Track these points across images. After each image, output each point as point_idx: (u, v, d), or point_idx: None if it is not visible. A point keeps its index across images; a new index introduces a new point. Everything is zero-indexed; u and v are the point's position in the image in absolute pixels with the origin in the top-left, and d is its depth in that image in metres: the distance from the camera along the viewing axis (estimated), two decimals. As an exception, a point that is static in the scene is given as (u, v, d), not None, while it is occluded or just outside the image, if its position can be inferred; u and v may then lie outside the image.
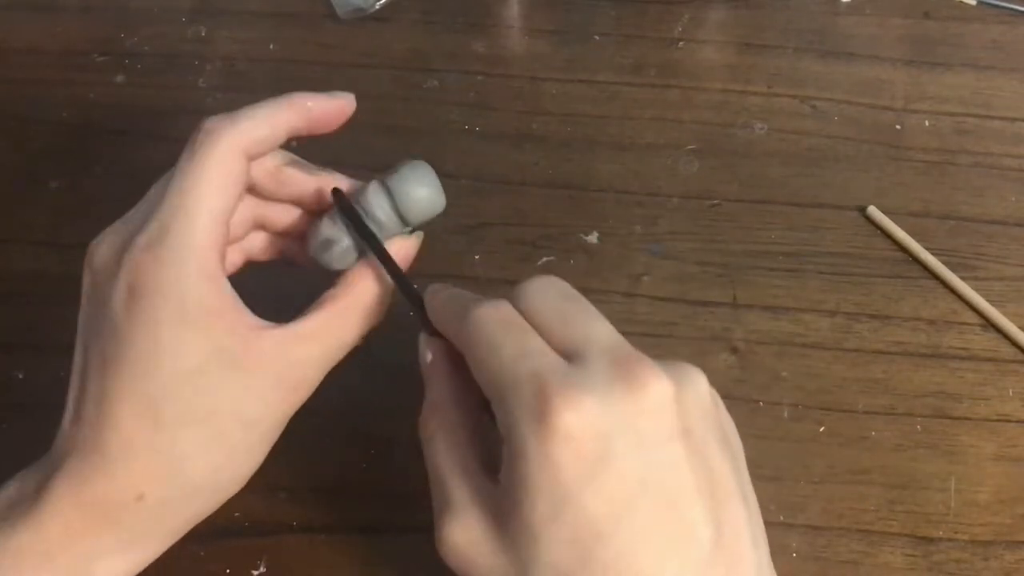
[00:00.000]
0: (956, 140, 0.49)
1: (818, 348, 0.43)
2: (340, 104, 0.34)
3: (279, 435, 0.32)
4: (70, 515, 0.30)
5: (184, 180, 0.31)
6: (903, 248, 0.46)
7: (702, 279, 0.45)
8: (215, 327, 0.30)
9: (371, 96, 0.51)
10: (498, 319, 0.29)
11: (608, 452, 0.26)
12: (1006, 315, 0.43)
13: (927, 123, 0.50)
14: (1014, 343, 0.43)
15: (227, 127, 0.31)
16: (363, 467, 0.40)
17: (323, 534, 0.39)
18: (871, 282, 0.45)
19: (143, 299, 0.30)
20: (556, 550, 0.26)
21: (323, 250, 0.34)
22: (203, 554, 0.38)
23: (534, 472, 0.26)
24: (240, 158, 0.32)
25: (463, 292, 0.32)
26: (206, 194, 0.31)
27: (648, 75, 0.52)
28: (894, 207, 0.47)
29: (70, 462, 0.30)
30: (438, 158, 0.48)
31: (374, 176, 0.34)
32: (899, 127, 0.50)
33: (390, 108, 0.51)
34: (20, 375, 0.43)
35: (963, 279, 0.44)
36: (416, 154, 0.35)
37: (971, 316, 0.44)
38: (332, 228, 0.34)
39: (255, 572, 0.38)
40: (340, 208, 0.34)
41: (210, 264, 0.30)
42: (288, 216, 0.36)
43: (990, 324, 0.44)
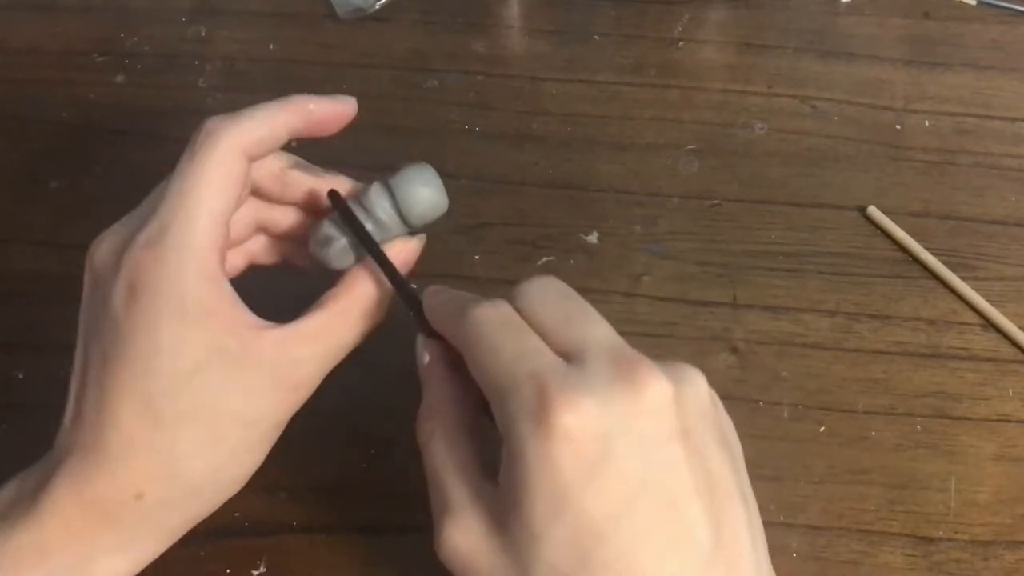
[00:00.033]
0: (956, 140, 0.49)
1: (818, 348, 0.43)
2: (342, 107, 0.34)
3: (279, 435, 0.32)
4: (70, 514, 0.30)
5: (184, 180, 0.31)
6: (903, 248, 0.46)
7: (702, 279, 0.45)
8: (215, 326, 0.30)
9: (371, 96, 0.51)
10: (497, 319, 0.29)
11: (608, 453, 0.26)
12: (1006, 315, 0.43)
13: (927, 123, 0.50)
14: (1014, 343, 0.43)
15: (227, 127, 0.31)
16: (363, 467, 0.40)
17: (323, 534, 0.39)
18: (871, 282, 0.45)
19: (143, 298, 0.30)
20: (556, 551, 0.26)
21: (321, 247, 0.34)
22: (203, 554, 0.38)
23: (534, 473, 0.26)
24: (240, 158, 0.32)
25: (461, 293, 0.32)
26: (206, 194, 0.31)
27: (648, 75, 0.52)
28: (894, 207, 0.47)
29: (70, 461, 0.30)
30: (438, 158, 0.48)
31: (374, 176, 0.34)
32: (899, 127, 0.50)
33: (390, 108, 0.51)
34: (20, 375, 0.43)
35: (963, 279, 0.44)
36: (417, 155, 0.35)
37: (971, 316, 0.44)
38: (332, 226, 0.34)
39: (255, 572, 0.38)
40: (336, 209, 0.34)
41: (210, 264, 0.30)
42: (292, 219, 0.36)
43: (990, 324, 0.44)
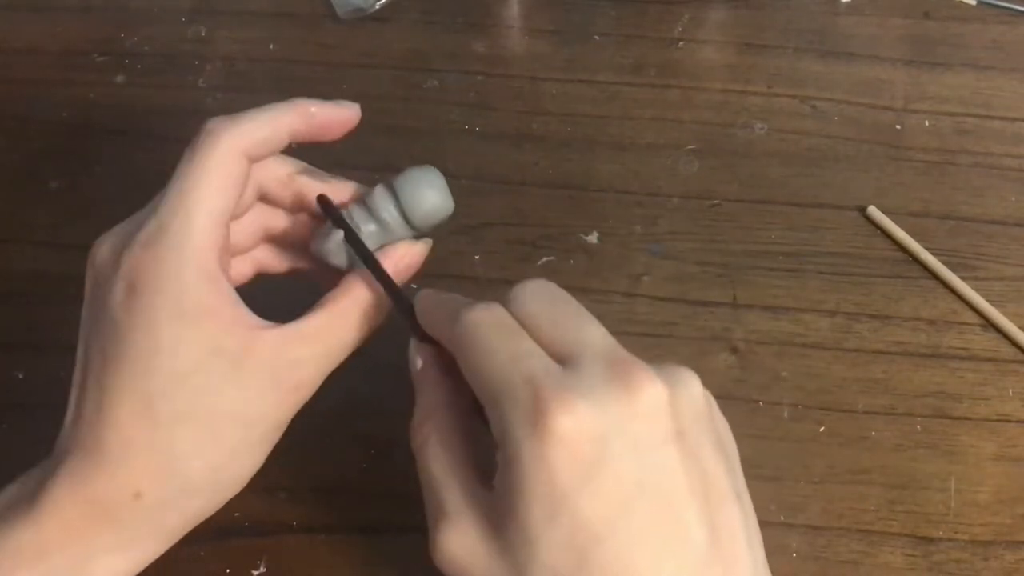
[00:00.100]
0: (956, 140, 0.49)
1: (818, 348, 0.43)
2: (345, 113, 0.34)
3: (280, 436, 0.32)
4: (68, 513, 0.30)
5: (184, 180, 0.31)
6: (903, 248, 0.46)
7: (702, 279, 0.45)
8: (214, 326, 0.30)
9: (371, 96, 0.51)
10: (491, 322, 0.29)
11: (603, 455, 0.26)
12: (1006, 315, 0.43)
13: (927, 123, 0.50)
14: (1014, 343, 0.43)
15: (228, 128, 0.31)
16: (363, 467, 0.40)
17: (323, 534, 0.39)
18: (871, 282, 0.45)
19: (142, 297, 0.30)
20: (552, 553, 0.26)
21: (319, 242, 0.34)
22: (203, 554, 0.38)
23: (529, 476, 0.26)
24: (240, 159, 0.32)
25: (454, 296, 0.32)
26: (206, 194, 0.31)
27: (648, 75, 0.52)
28: (894, 207, 0.47)
29: (69, 460, 0.30)
30: (438, 158, 0.48)
31: (374, 177, 0.34)
32: (899, 127, 0.50)
33: (390, 108, 0.51)
34: (20, 375, 0.43)
35: (963, 279, 0.44)
36: (417, 155, 0.35)
37: (971, 316, 0.44)
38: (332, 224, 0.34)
39: (255, 572, 0.38)
40: (325, 213, 0.34)
41: (209, 263, 0.30)
42: (300, 226, 0.35)
43: (990, 324, 0.44)
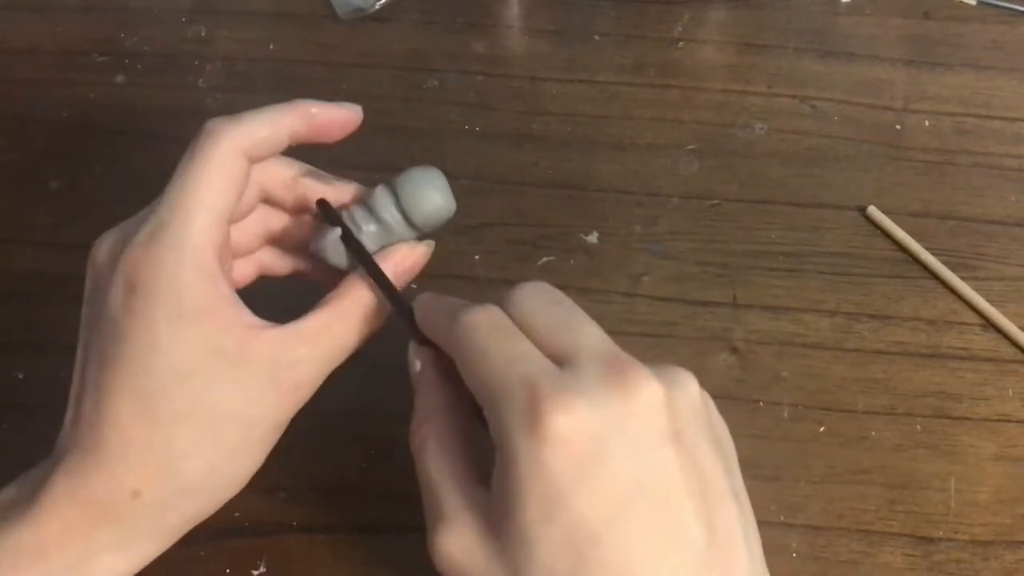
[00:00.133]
0: (956, 140, 0.49)
1: (818, 348, 0.43)
2: (346, 114, 0.34)
3: (279, 436, 0.32)
4: (67, 512, 0.30)
5: (184, 180, 0.31)
6: (903, 248, 0.46)
7: (702, 279, 0.45)
8: (213, 326, 0.30)
9: (371, 96, 0.51)
10: (488, 324, 0.29)
11: (600, 454, 0.26)
12: (1006, 315, 0.43)
13: (927, 123, 0.50)
14: (1014, 343, 0.43)
15: (228, 128, 0.31)
16: (363, 467, 0.40)
17: (323, 534, 0.39)
18: (871, 282, 0.45)
19: (140, 296, 0.30)
20: (550, 553, 0.26)
21: (319, 243, 0.34)
22: (203, 554, 0.38)
23: (527, 476, 0.26)
24: (240, 159, 0.32)
25: (452, 299, 0.32)
26: (205, 194, 0.31)
27: (648, 75, 0.52)
28: (894, 207, 0.47)
29: (69, 460, 0.30)
30: (438, 158, 0.48)
31: (375, 177, 0.34)
32: (899, 127, 0.50)
33: (390, 108, 0.51)
34: (20, 375, 0.43)
35: (963, 279, 0.44)
36: (417, 155, 0.34)
37: (971, 316, 0.44)
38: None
39: (255, 572, 0.38)
40: (324, 216, 0.34)
41: (208, 263, 0.30)
42: (304, 228, 0.35)
43: (990, 324, 0.44)
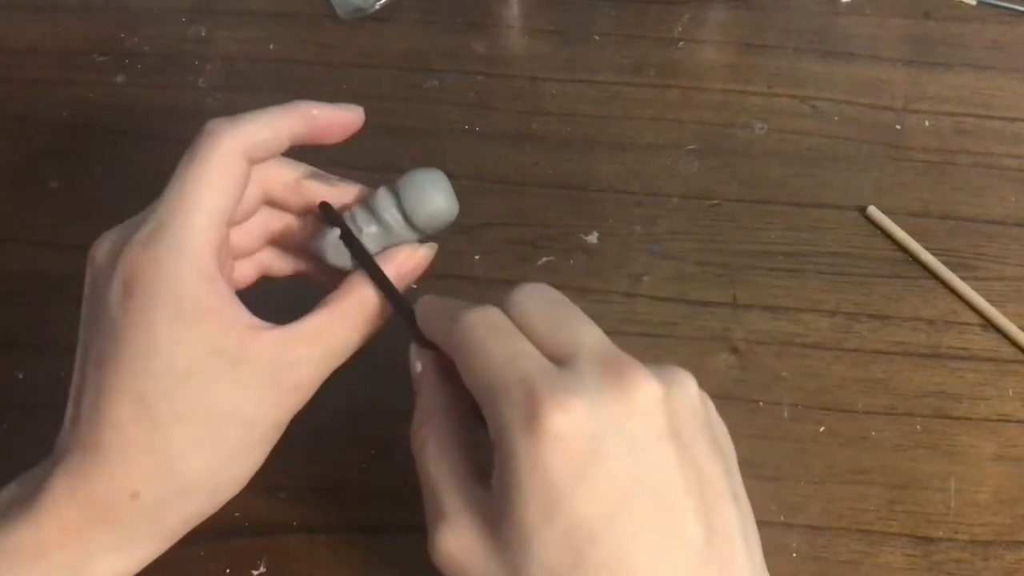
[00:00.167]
0: (956, 140, 0.49)
1: (818, 348, 0.43)
2: (347, 116, 0.34)
3: (279, 437, 0.32)
4: (67, 512, 0.30)
5: (184, 181, 0.31)
6: (903, 248, 0.46)
7: (702, 279, 0.45)
8: (212, 326, 0.30)
9: (371, 96, 0.51)
10: (488, 324, 0.29)
11: (598, 453, 0.26)
12: (1006, 315, 0.43)
13: (927, 123, 0.50)
14: (1014, 343, 0.43)
15: (228, 129, 0.31)
16: (363, 467, 0.40)
17: (323, 534, 0.39)
18: (871, 282, 0.45)
19: (139, 297, 0.30)
20: (549, 551, 0.26)
21: (321, 244, 0.34)
22: (203, 554, 0.38)
23: (525, 474, 0.26)
24: (240, 160, 0.32)
25: (453, 301, 0.32)
26: (205, 195, 0.31)
27: (648, 75, 0.52)
28: (894, 207, 0.47)
29: (68, 460, 0.30)
30: (438, 158, 0.48)
31: (375, 177, 0.34)
32: (899, 127, 0.50)
33: (390, 108, 0.51)
34: (20, 375, 0.43)
35: (963, 279, 0.44)
36: (417, 154, 0.34)
37: (971, 316, 0.44)
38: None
39: (255, 572, 0.38)
40: (326, 219, 0.34)
41: (207, 263, 0.30)
42: (306, 230, 0.35)
43: (990, 324, 0.44)
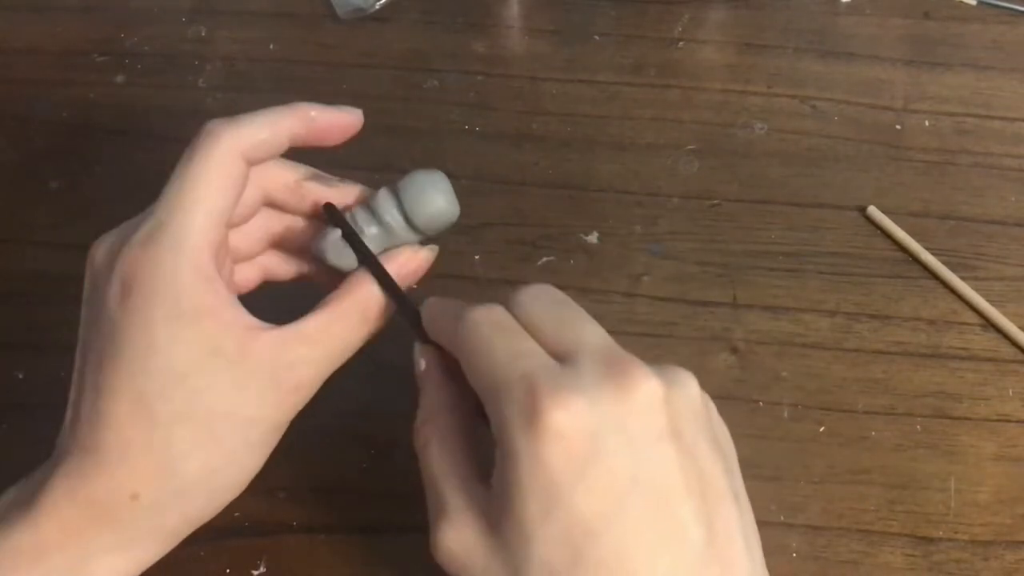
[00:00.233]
0: (956, 140, 0.49)
1: (818, 348, 0.43)
2: (346, 118, 0.34)
3: (279, 437, 0.32)
4: (67, 513, 0.30)
5: (182, 181, 0.31)
6: (903, 248, 0.46)
7: (702, 279, 0.45)
8: (210, 326, 0.30)
9: (371, 96, 0.51)
10: (492, 322, 0.30)
11: (598, 451, 0.26)
12: (1006, 315, 0.43)
13: (927, 123, 0.50)
14: (1014, 343, 0.43)
15: (227, 130, 0.31)
16: (363, 467, 0.40)
17: (323, 534, 0.39)
18: (871, 282, 0.45)
19: (138, 296, 0.30)
20: (548, 549, 0.26)
21: (323, 246, 0.34)
22: (203, 554, 0.38)
23: (525, 472, 0.26)
24: (239, 160, 0.32)
25: (458, 301, 0.32)
26: (204, 195, 0.31)
27: (648, 75, 0.52)
28: (894, 207, 0.47)
29: (68, 461, 0.30)
30: (438, 158, 0.48)
31: (375, 177, 0.34)
32: (899, 127, 0.50)
33: (390, 108, 0.51)
34: (20, 375, 0.43)
35: (963, 279, 0.44)
36: (417, 155, 0.34)
37: (971, 316, 0.44)
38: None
39: (255, 572, 0.38)
40: (331, 221, 0.34)
41: (205, 263, 0.30)
42: (307, 231, 0.35)
43: (990, 324, 0.44)
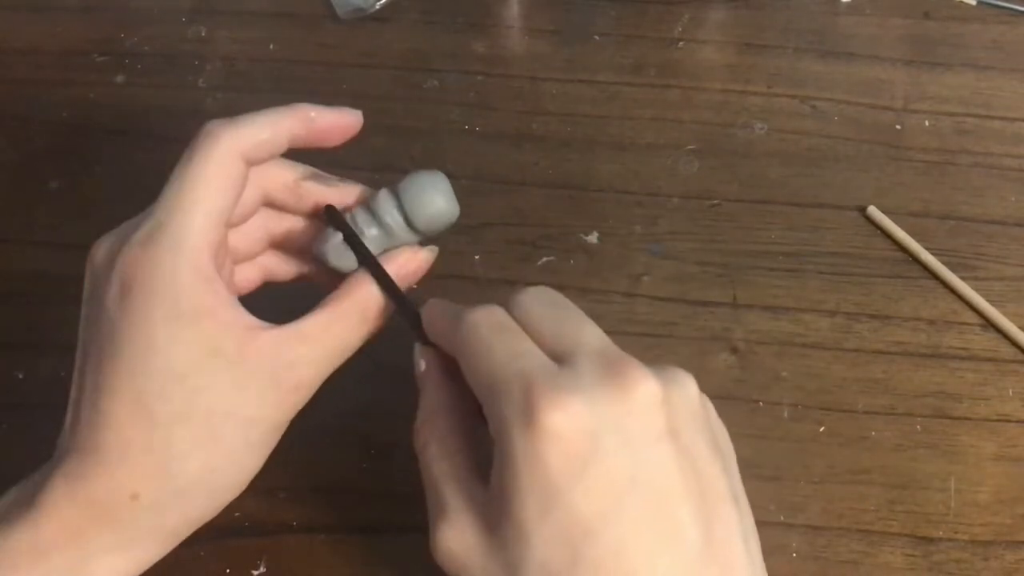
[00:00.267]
0: (956, 140, 0.49)
1: (818, 348, 0.43)
2: (346, 119, 0.34)
3: (279, 437, 0.32)
4: (66, 513, 0.30)
5: (182, 181, 0.31)
6: (903, 248, 0.46)
7: (702, 279, 0.45)
8: (210, 326, 0.30)
9: (371, 96, 0.51)
10: (492, 323, 0.30)
11: (596, 450, 0.26)
12: (1006, 315, 0.43)
13: (927, 123, 0.50)
14: (1014, 343, 0.43)
15: (227, 130, 0.31)
16: (363, 467, 0.40)
17: (323, 534, 0.39)
18: (871, 282, 0.45)
19: (137, 296, 0.30)
20: (546, 549, 0.26)
21: (323, 247, 0.34)
22: (203, 554, 0.38)
23: (523, 471, 0.26)
24: (238, 161, 0.32)
25: (459, 306, 0.32)
26: (203, 195, 0.31)
27: (648, 75, 0.52)
28: (894, 207, 0.47)
29: (68, 461, 0.30)
30: (438, 158, 0.48)
31: (375, 177, 0.34)
32: (899, 127, 0.50)
33: (390, 108, 0.51)
34: (20, 375, 0.43)
35: (963, 279, 0.44)
36: (417, 155, 0.34)
37: (971, 316, 0.44)
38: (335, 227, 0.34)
39: (255, 572, 0.38)
40: (331, 223, 0.34)
41: (204, 263, 0.30)
42: (307, 231, 0.35)
43: (990, 324, 0.44)
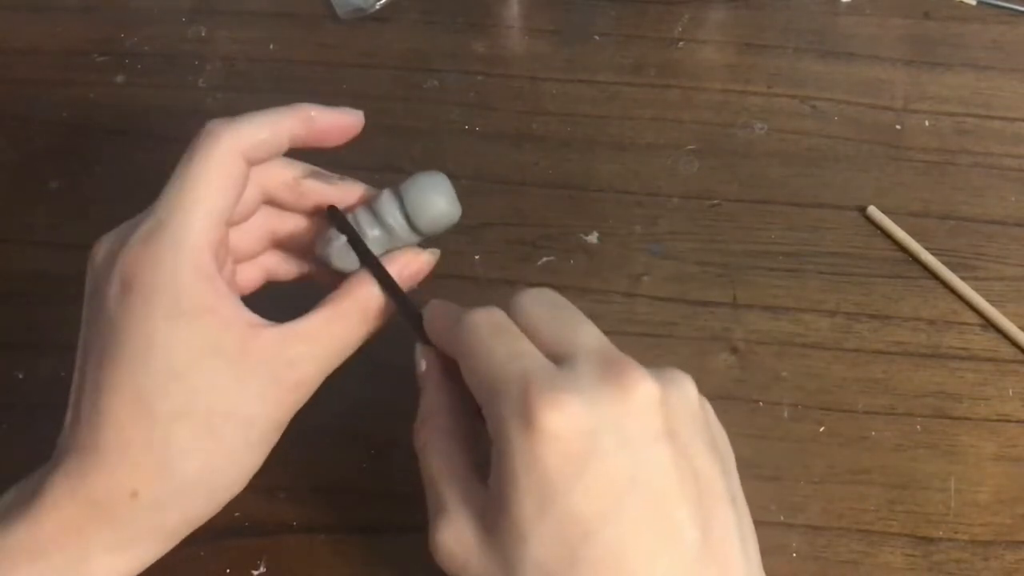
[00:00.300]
0: (956, 140, 0.49)
1: (818, 348, 0.43)
2: (346, 119, 0.34)
3: (279, 436, 0.32)
4: (66, 511, 0.30)
5: (183, 180, 0.31)
6: (903, 248, 0.46)
7: (702, 279, 0.45)
8: (210, 324, 0.30)
9: (371, 96, 0.51)
10: (491, 324, 0.30)
11: (594, 451, 0.26)
12: (1006, 315, 0.43)
13: (927, 123, 0.50)
14: (1014, 343, 0.43)
15: (227, 130, 0.31)
16: (363, 467, 0.40)
17: (323, 534, 0.39)
18: (871, 282, 0.45)
19: (138, 294, 0.30)
20: (544, 549, 0.26)
21: (323, 246, 0.34)
22: (203, 554, 0.38)
23: (521, 471, 0.26)
24: (239, 160, 0.32)
25: (460, 307, 0.32)
26: (204, 194, 0.31)
27: (648, 75, 0.52)
28: (894, 207, 0.47)
29: (68, 459, 0.30)
30: (438, 158, 0.48)
31: (375, 177, 0.34)
32: (899, 127, 0.50)
33: (390, 108, 0.51)
34: (20, 375, 0.43)
35: (963, 279, 0.44)
36: (417, 155, 0.34)
37: (971, 316, 0.44)
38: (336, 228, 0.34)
39: (255, 572, 0.38)
40: (333, 223, 0.34)
41: (205, 262, 0.30)
42: (308, 230, 0.35)
43: (990, 324, 0.44)
